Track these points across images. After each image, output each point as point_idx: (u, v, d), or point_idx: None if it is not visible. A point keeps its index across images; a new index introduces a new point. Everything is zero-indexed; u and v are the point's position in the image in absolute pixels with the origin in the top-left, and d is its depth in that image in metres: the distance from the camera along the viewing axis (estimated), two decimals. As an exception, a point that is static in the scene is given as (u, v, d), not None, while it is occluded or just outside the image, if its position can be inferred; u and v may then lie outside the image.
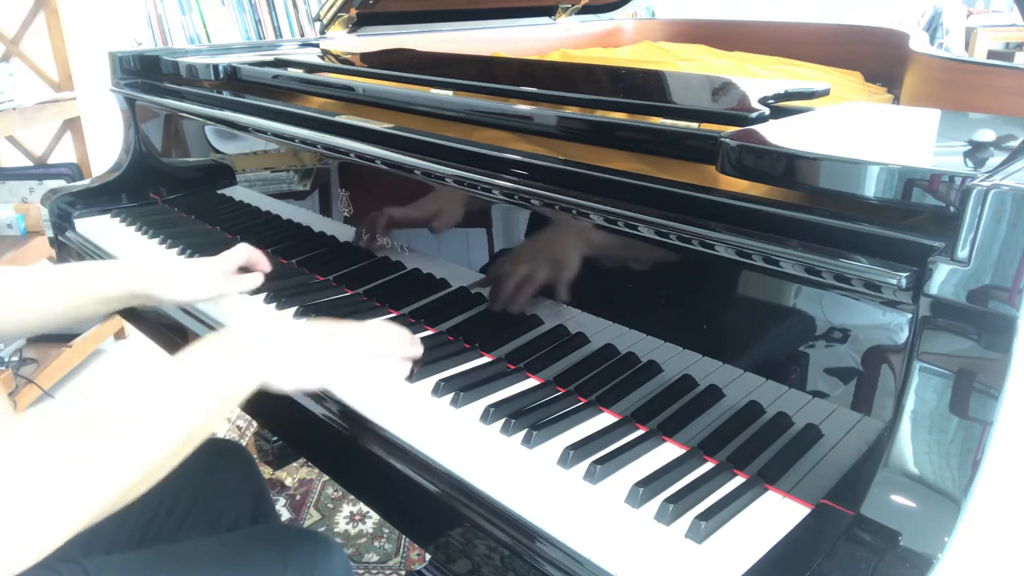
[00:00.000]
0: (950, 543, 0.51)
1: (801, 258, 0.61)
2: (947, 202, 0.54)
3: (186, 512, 0.99)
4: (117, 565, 0.81)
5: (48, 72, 2.49)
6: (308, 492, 1.91)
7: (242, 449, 1.14)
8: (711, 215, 0.67)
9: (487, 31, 1.72)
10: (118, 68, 1.49)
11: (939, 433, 0.54)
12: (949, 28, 3.81)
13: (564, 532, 0.62)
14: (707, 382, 0.72)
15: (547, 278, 0.83)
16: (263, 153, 1.22)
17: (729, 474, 0.66)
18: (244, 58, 1.39)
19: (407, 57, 1.36)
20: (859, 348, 0.61)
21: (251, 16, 2.71)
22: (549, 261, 0.83)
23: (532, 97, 0.94)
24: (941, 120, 0.76)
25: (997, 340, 0.52)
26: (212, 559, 0.85)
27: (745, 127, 0.71)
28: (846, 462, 0.62)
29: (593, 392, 0.78)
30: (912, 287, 0.56)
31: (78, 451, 0.54)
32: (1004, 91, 1.00)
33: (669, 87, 0.97)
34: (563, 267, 0.82)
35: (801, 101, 0.84)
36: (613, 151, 0.81)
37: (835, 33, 1.59)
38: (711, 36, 1.73)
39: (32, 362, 2.23)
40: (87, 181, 1.52)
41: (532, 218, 0.83)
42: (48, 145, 2.62)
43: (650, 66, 1.32)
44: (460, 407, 0.77)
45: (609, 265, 0.78)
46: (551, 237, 0.83)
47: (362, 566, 1.65)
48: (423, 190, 0.94)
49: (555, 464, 0.68)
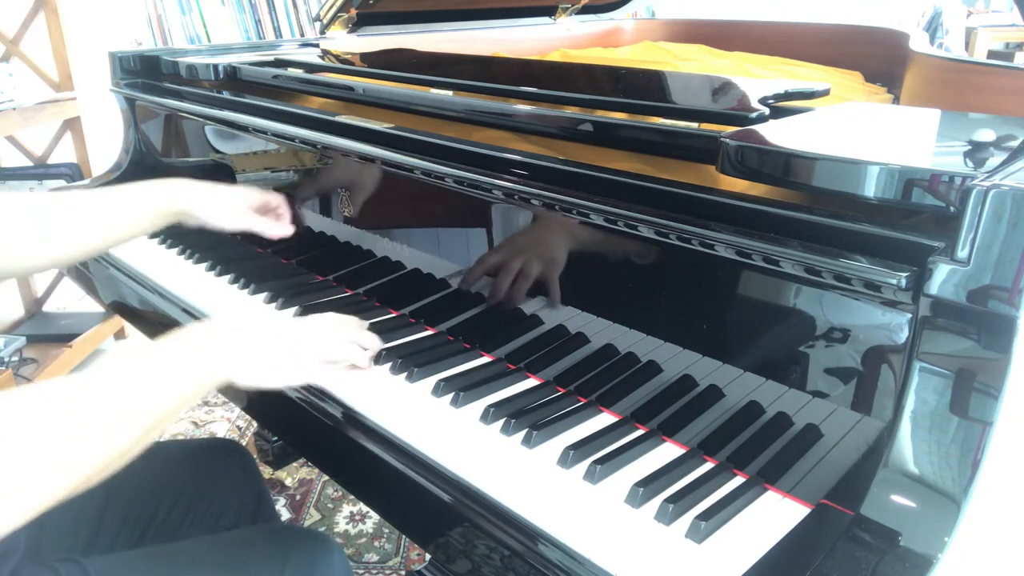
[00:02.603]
0: (950, 543, 0.51)
1: (801, 258, 0.61)
2: (947, 202, 0.54)
3: (186, 512, 0.99)
4: (117, 565, 0.81)
5: (48, 72, 2.49)
6: (308, 492, 1.91)
7: (242, 449, 1.14)
8: (711, 215, 0.67)
9: (487, 31, 1.72)
10: (118, 68, 1.49)
11: (939, 433, 0.54)
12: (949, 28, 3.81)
13: (564, 532, 0.62)
14: (707, 382, 0.72)
15: (547, 278, 0.83)
16: (263, 153, 1.22)
17: (729, 474, 0.66)
18: (244, 58, 1.39)
19: (407, 57, 1.36)
20: (859, 348, 0.61)
21: (251, 16, 2.71)
22: (548, 261, 0.83)
23: (532, 97, 0.94)
24: (941, 120, 0.76)
25: (997, 340, 0.52)
26: (211, 558, 0.85)
27: (745, 127, 0.71)
28: (846, 462, 0.62)
29: (593, 392, 0.78)
30: (912, 287, 0.56)
31: (38, 438, 0.55)
32: (1004, 91, 1.00)
33: (669, 87, 0.97)
34: (563, 267, 0.82)
35: (801, 101, 0.84)
36: (613, 151, 0.81)
37: (835, 33, 1.59)
38: (711, 36, 1.73)
39: (32, 362, 2.23)
40: (87, 181, 1.53)
41: (532, 218, 0.83)
42: (48, 145, 2.61)
43: (650, 66, 1.32)
44: (460, 407, 0.77)
45: (609, 265, 0.78)
46: (551, 237, 0.83)
47: (362, 566, 1.65)
48: (422, 190, 0.94)
49: (555, 464, 0.68)
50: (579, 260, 0.81)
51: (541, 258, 0.83)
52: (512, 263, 0.86)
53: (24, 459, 0.54)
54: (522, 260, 0.85)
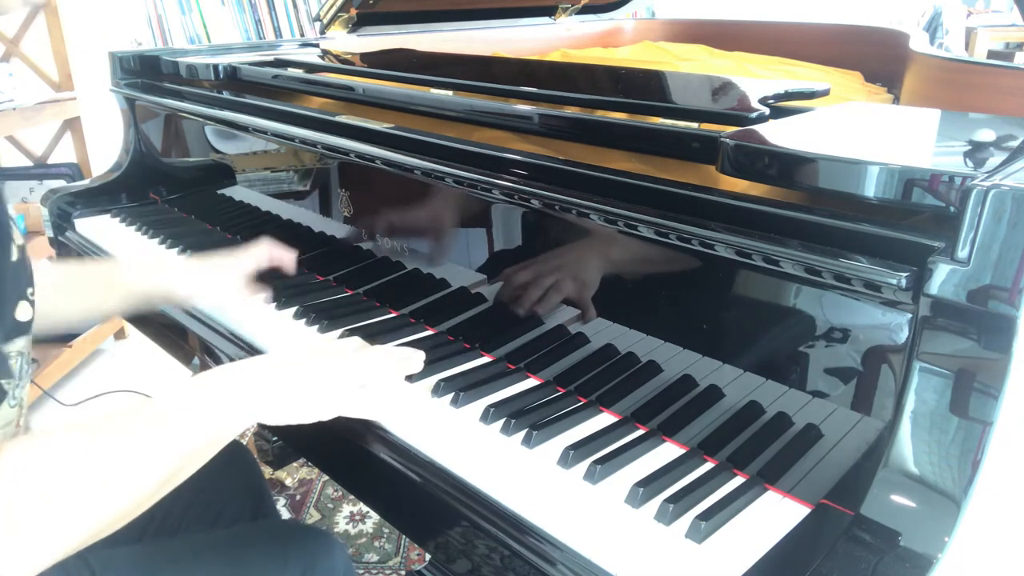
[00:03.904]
0: (950, 543, 0.51)
1: (801, 258, 0.61)
2: (947, 202, 0.54)
3: (187, 512, 0.99)
4: (120, 558, 0.81)
5: (48, 72, 2.49)
6: (308, 492, 1.91)
7: (242, 449, 1.14)
8: (711, 215, 0.67)
9: (487, 31, 1.72)
10: (118, 68, 1.49)
11: (939, 433, 0.54)
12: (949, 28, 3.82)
13: (564, 532, 0.62)
14: (707, 382, 0.72)
15: (548, 280, 0.83)
16: (263, 153, 1.22)
17: (729, 474, 0.66)
18: (244, 58, 1.39)
19: (407, 57, 1.36)
20: (859, 348, 0.61)
21: (251, 16, 2.71)
22: (548, 262, 0.83)
23: (532, 97, 0.94)
24: (941, 120, 0.76)
25: (997, 340, 0.52)
26: (214, 554, 0.85)
27: (745, 127, 0.71)
28: (846, 462, 0.62)
29: (593, 392, 0.78)
30: (912, 287, 0.56)
31: (67, 480, 0.54)
32: (1004, 91, 1.00)
33: (669, 87, 0.97)
34: (563, 268, 0.82)
35: (801, 101, 0.84)
36: (613, 151, 0.81)
37: (835, 33, 1.59)
38: (711, 36, 1.73)
39: (32, 362, 2.22)
40: (87, 181, 1.52)
41: (532, 219, 0.83)
42: (48, 145, 2.62)
43: (650, 66, 1.32)
44: (460, 407, 0.77)
45: (609, 265, 0.78)
46: (552, 238, 0.83)
47: (362, 566, 1.65)
48: (423, 190, 0.94)
49: (555, 464, 0.68)
50: (579, 261, 0.81)
51: (548, 265, 0.83)
52: (544, 280, 0.84)
53: (60, 503, 0.53)
54: (531, 270, 0.84)
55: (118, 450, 0.58)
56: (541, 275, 0.84)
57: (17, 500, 0.51)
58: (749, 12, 3.06)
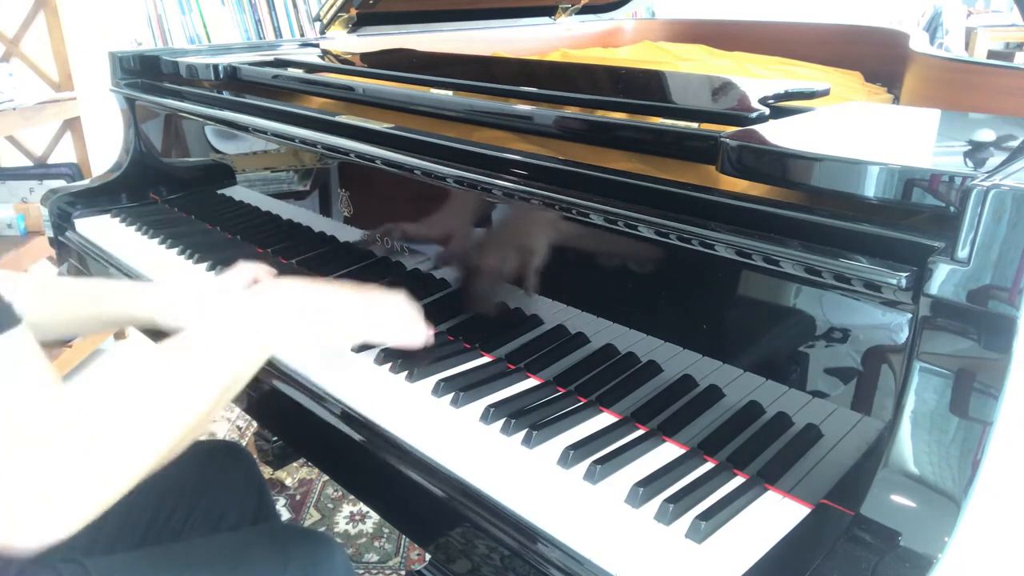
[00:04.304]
0: (950, 543, 0.51)
1: (801, 258, 0.61)
2: (947, 202, 0.54)
3: (187, 513, 0.99)
4: (118, 565, 0.81)
5: (48, 72, 2.48)
6: (308, 492, 1.91)
7: (242, 449, 1.14)
8: (711, 215, 0.67)
9: (487, 31, 1.72)
10: (118, 68, 1.49)
11: (939, 433, 0.54)
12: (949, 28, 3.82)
13: (564, 532, 0.62)
14: (707, 382, 0.72)
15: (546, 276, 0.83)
16: (263, 153, 1.22)
17: (729, 474, 0.66)
18: (244, 58, 1.39)
19: (407, 57, 1.36)
20: (859, 348, 0.61)
21: (251, 16, 2.71)
22: (547, 260, 0.83)
23: (532, 97, 0.94)
24: (941, 120, 0.76)
25: (997, 340, 0.52)
26: (213, 559, 0.85)
27: (745, 127, 0.71)
28: (846, 462, 0.62)
29: (593, 392, 0.78)
30: (912, 287, 0.56)
31: (128, 411, 0.59)
32: (1004, 91, 1.00)
33: (669, 87, 0.97)
34: (562, 267, 0.82)
35: (801, 101, 0.84)
36: (613, 151, 0.81)
37: (835, 33, 1.59)
38: (711, 36, 1.73)
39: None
40: (87, 181, 1.52)
41: (532, 218, 0.83)
42: (48, 145, 2.61)
43: (650, 66, 1.32)
44: (460, 407, 0.77)
45: (609, 265, 0.78)
46: (549, 236, 0.83)
47: (362, 566, 1.65)
48: (423, 190, 0.94)
49: (555, 464, 0.68)
50: (579, 260, 0.81)
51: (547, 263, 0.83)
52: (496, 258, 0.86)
53: (124, 434, 0.58)
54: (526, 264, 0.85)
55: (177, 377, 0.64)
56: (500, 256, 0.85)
57: (92, 422, 0.57)
58: (749, 12, 3.06)
